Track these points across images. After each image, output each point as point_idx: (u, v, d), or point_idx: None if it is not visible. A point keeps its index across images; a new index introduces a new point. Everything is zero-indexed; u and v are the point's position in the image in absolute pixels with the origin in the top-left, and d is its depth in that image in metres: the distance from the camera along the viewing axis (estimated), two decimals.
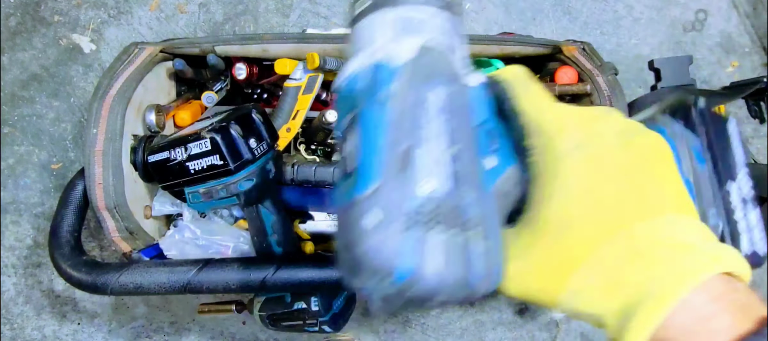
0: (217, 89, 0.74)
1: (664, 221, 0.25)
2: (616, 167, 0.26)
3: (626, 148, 0.27)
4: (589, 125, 0.28)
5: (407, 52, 0.27)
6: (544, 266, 0.27)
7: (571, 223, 0.26)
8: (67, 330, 0.84)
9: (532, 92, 0.30)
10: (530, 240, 0.27)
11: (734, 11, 0.95)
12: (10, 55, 0.86)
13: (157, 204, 0.68)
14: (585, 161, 0.27)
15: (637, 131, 0.28)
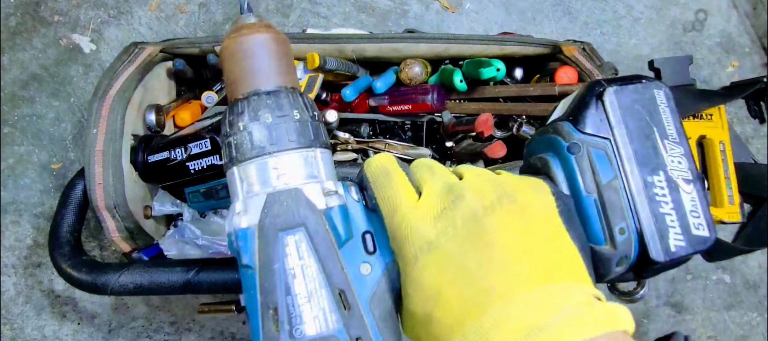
0: (217, 89, 0.74)
1: (515, 303, 0.26)
2: (461, 264, 0.28)
3: (474, 238, 0.28)
4: (433, 225, 0.29)
5: (254, 210, 0.30)
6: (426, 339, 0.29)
7: (430, 317, 0.28)
8: (67, 330, 0.84)
9: (388, 191, 0.31)
10: (410, 322, 0.30)
11: (734, 11, 0.95)
12: (10, 55, 0.86)
13: (157, 204, 0.68)
14: (429, 265, 0.28)
15: (490, 209, 0.29)
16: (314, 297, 0.28)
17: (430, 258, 0.28)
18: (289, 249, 0.29)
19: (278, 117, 0.32)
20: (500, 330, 0.25)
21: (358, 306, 0.29)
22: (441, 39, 0.67)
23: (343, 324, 0.28)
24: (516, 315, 0.25)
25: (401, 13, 0.90)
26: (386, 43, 0.67)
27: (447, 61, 0.74)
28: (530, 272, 0.27)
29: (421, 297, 0.28)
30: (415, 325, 0.30)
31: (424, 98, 0.69)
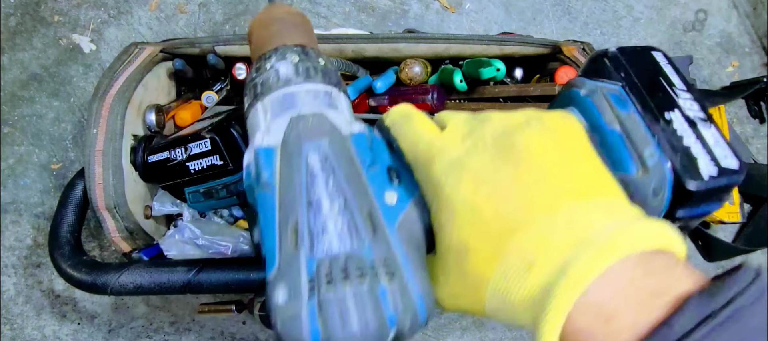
0: (217, 89, 0.74)
1: (557, 218, 0.23)
2: (495, 178, 0.25)
3: (505, 153, 0.26)
4: (461, 143, 0.28)
5: (278, 129, 0.29)
6: (460, 289, 0.26)
7: (466, 249, 0.25)
8: (67, 330, 0.84)
9: (409, 129, 0.30)
10: (442, 267, 0.27)
11: (734, 11, 0.95)
12: (10, 55, 0.86)
13: (157, 204, 0.68)
14: (460, 183, 0.26)
15: (518, 127, 0.27)
16: (338, 213, 0.26)
17: (461, 175, 0.26)
18: (312, 162, 0.27)
19: (304, 59, 0.33)
20: (545, 246, 0.23)
21: (384, 229, 0.27)
22: (441, 39, 0.67)
23: (370, 244, 0.25)
24: (560, 230, 0.23)
25: (401, 13, 0.90)
26: (386, 43, 0.67)
27: (447, 61, 0.74)
28: (569, 187, 0.25)
29: (455, 222, 0.25)
30: (450, 270, 0.27)
31: (424, 98, 0.69)
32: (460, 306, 0.28)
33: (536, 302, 0.22)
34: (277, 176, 0.28)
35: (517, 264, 0.23)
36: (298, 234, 0.26)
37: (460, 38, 0.67)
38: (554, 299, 0.21)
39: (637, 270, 0.21)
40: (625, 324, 0.20)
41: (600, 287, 0.21)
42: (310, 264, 0.24)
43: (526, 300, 0.23)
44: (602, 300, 0.21)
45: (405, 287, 0.25)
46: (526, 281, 0.23)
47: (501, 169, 0.26)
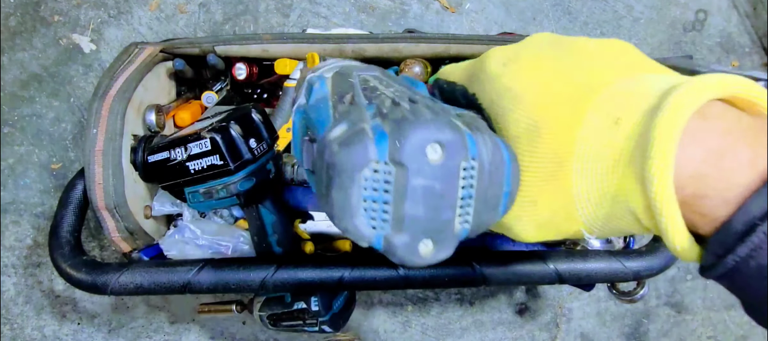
0: (217, 89, 0.74)
1: (636, 79, 0.22)
2: (557, 58, 0.24)
3: (557, 45, 0.25)
4: (513, 46, 0.27)
5: (330, 70, 0.30)
6: (537, 188, 0.24)
7: (539, 128, 0.23)
8: (67, 330, 0.84)
9: (457, 66, 0.31)
10: (524, 179, 0.25)
11: (734, 11, 0.95)
12: (10, 55, 0.86)
13: (157, 204, 0.68)
14: (520, 70, 0.25)
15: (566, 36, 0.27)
16: (393, 92, 0.24)
17: (522, 63, 0.25)
18: (365, 76, 0.27)
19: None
20: (631, 98, 0.21)
21: (446, 109, 0.25)
22: (441, 39, 0.67)
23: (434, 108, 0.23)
24: (643, 85, 0.21)
25: (401, 13, 0.90)
26: (386, 43, 0.67)
27: (447, 61, 0.74)
28: (639, 61, 0.24)
29: (521, 106, 0.23)
30: (524, 166, 0.24)
31: None
32: (539, 216, 0.25)
33: (632, 155, 0.21)
34: (330, 85, 0.28)
35: (602, 124, 0.22)
36: (353, 99, 0.24)
37: (460, 38, 0.67)
38: (657, 129, 0.19)
39: (733, 112, 0.20)
40: (741, 161, 0.19)
41: (704, 127, 0.19)
42: (369, 108, 0.23)
43: (621, 159, 0.21)
44: (711, 138, 0.19)
45: (482, 126, 0.23)
46: (616, 135, 0.21)
47: (558, 56, 0.25)
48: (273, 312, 0.64)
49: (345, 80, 0.27)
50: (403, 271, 0.56)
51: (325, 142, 0.22)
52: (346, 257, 0.59)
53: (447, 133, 0.20)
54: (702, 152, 0.19)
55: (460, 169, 0.21)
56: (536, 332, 0.90)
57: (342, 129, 0.22)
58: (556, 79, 0.23)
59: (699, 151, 0.19)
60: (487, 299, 0.89)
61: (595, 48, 0.25)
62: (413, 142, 0.20)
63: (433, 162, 0.20)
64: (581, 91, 0.22)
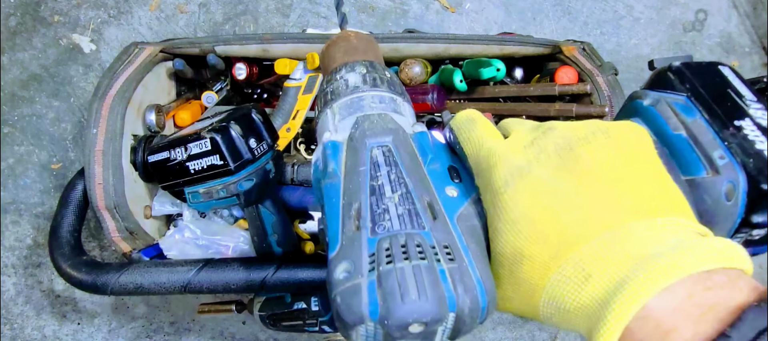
0: (217, 89, 0.74)
1: (618, 234, 0.23)
2: (556, 190, 0.25)
3: (569, 164, 0.26)
4: (523, 152, 0.27)
5: (345, 128, 0.31)
6: (513, 294, 0.27)
7: (521, 256, 0.25)
8: (67, 330, 0.84)
9: (473, 133, 0.31)
10: (495, 271, 0.27)
11: (734, 11, 0.95)
12: (10, 55, 0.86)
13: (157, 204, 0.68)
14: (520, 192, 0.26)
15: (583, 139, 0.27)
16: (399, 200, 0.27)
17: (522, 185, 0.26)
18: (375, 154, 0.29)
19: (371, 71, 0.35)
20: (604, 261, 0.23)
21: (445, 217, 0.27)
22: (441, 39, 0.67)
23: (430, 228, 0.26)
24: (621, 246, 0.23)
25: (401, 13, 0.90)
26: (386, 43, 0.67)
27: (447, 61, 0.74)
28: (634, 203, 0.24)
29: (512, 230, 0.26)
30: (503, 275, 0.27)
31: (424, 98, 0.69)
32: (512, 309, 0.28)
33: (592, 314, 0.23)
34: (343, 167, 0.29)
35: (575, 275, 0.23)
36: (360, 216, 0.26)
37: (460, 38, 0.67)
38: (611, 312, 0.21)
39: (696, 287, 0.21)
40: (684, 338, 0.20)
41: (659, 301, 0.21)
42: (371, 243, 0.25)
43: (582, 311, 0.23)
44: (661, 315, 0.21)
45: (465, 271, 0.24)
46: (582, 292, 0.23)
47: (563, 180, 0.26)
48: (273, 312, 0.64)
49: (358, 159, 0.29)
50: None
51: (330, 279, 0.25)
52: None
53: (430, 312, 0.23)
54: (652, 326, 0.21)
55: (440, 327, 0.24)
56: (536, 332, 0.90)
57: (343, 272, 0.25)
58: (549, 217, 0.25)
59: (650, 324, 0.21)
60: None
61: (607, 169, 0.26)
62: (398, 322, 0.23)
63: (414, 331, 0.23)
64: (566, 238, 0.24)
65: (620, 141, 0.27)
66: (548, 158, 0.27)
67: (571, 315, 0.24)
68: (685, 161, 0.31)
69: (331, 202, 0.28)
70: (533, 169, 0.26)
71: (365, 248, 0.25)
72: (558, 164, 0.26)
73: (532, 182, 0.26)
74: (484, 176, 0.28)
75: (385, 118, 0.31)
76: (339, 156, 0.30)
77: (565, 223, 0.24)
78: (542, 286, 0.25)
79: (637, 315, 0.21)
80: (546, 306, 0.25)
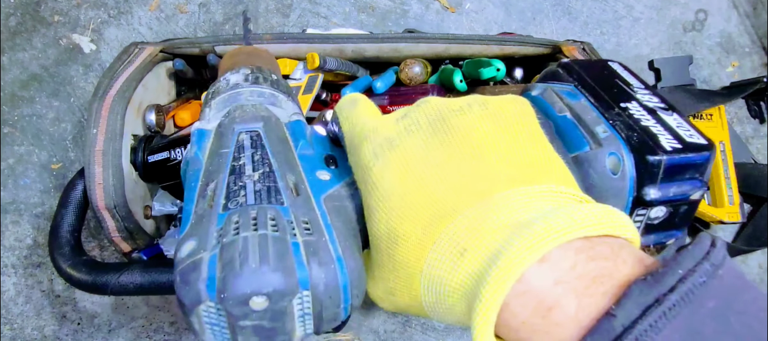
0: None
1: (491, 203, 0.21)
2: (427, 160, 0.24)
3: (440, 135, 0.24)
4: (395, 125, 0.26)
5: (216, 118, 0.30)
6: (395, 283, 0.24)
7: (396, 236, 0.23)
8: (67, 330, 0.84)
9: (352, 112, 0.29)
10: (375, 259, 0.25)
11: (734, 11, 0.95)
12: (10, 55, 0.86)
13: (157, 204, 0.68)
14: (390, 164, 0.24)
15: (458, 110, 0.25)
16: (260, 177, 0.25)
17: (392, 157, 0.24)
18: (242, 138, 0.27)
19: (255, 71, 0.34)
20: (478, 233, 0.21)
21: (309, 196, 0.25)
22: (441, 39, 0.67)
23: (290, 204, 0.24)
24: (495, 215, 0.21)
25: (401, 13, 0.90)
26: (386, 43, 0.67)
27: (447, 61, 0.74)
28: (510, 172, 0.23)
29: (384, 207, 0.24)
30: (382, 262, 0.24)
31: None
32: (398, 304, 0.25)
33: (469, 292, 0.21)
34: (207, 152, 0.28)
35: (450, 251, 0.21)
36: (215, 194, 0.24)
37: (460, 38, 0.67)
38: (486, 287, 0.19)
39: (579, 256, 0.19)
40: (567, 315, 0.18)
41: (538, 274, 0.19)
42: (220, 218, 0.23)
43: (459, 290, 0.21)
44: (541, 289, 0.19)
45: (323, 246, 0.22)
46: (458, 269, 0.21)
47: (435, 150, 0.24)
48: None
49: (223, 143, 0.27)
50: None
51: (177, 257, 0.22)
52: None
53: (273, 282, 0.20)
54: (534, 302, 0.19)
55: (292, 304, 0.21)
56: None
57: (187, 250, 0.22)
58: (420, 189, 0.23)
59: (531, 300, 0.19)
60: None
61: (481, 139, 0.24)
62: (236, 294, 0.20)
63: (258, 307, 0.20)
64: (438, 211, 0.22)
65: (498, 111, 0.26)
66: (419, 129, 0.25)
67: (451, 300, 0.22)
68: (569, 139, 0.31)
69: (189, 186, 0.26)
70: (403, 141, 0.25)
71: (214, 223, 0.23)
72: (429, 134, 0.25)
73: (402, 154, 0.24)
74: (355, 153, 0.27)
75: (258, 107, 0.30)
76: (204, 142, 0.28)
77: (437, 195, 0.23)
78: (419, 269, 0.23)
79: (516, 291, 0.19)
80: (427, 293, 0.23)
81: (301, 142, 0.29)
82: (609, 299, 0.18)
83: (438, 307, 0.23)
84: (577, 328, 0.18)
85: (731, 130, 0.86)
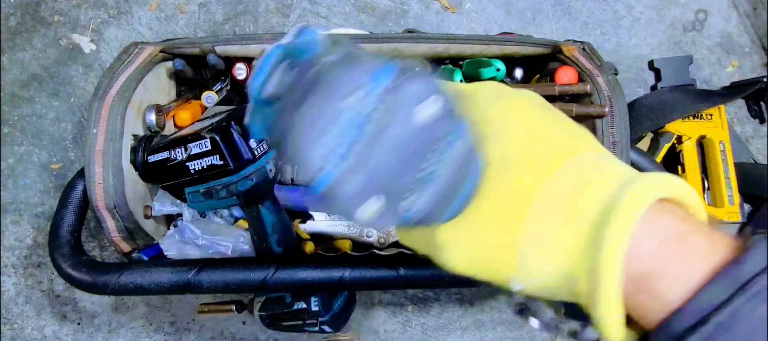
0: (217, 89, 0.75)
1: (594, 154, 0.24)
2: (543, 109, 0.27)
3: (544, 104, 0.28)
4: (504, 87, 0.29)
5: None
6: (495, 214, 0.24)
7: (514, 159, 0.24)
8: (67, 330, 0.84)
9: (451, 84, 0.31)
10: (477, 197, 0.25)
11: (734, 11, 0.95)
12: (10, 55, 0.86)
13: (157, 204, 0.67)
14: (512, 107, 0.26)
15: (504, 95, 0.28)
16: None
17: (514, 101, 0.27)
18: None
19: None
20: (603, 168, 0.23)
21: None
22: (441, 39, 0.67)
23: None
24: (612, 161, 0.24)
25: (401, 13, 0.90)
26: (386, 43, 0.67)
27: (447, 61, 0.74)
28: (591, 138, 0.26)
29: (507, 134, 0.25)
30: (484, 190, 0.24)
31: None
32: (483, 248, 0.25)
33: (594, 219, 0.22)
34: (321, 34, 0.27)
35: (574, 179, 0.23)
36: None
37: (460, 38, 0.67)
38: (622, 206, 0.20)
39: (686, 210, 0.22)
40: (698, 246, 0.20)
41: (665, 212, 0.21)
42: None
43: (583, 215, 0.22)
44: (668, 222, 0.21)
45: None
46: (583, 194, 0.22)
47: (546, 112, 0.27)
48: (273, 312, 0.64)
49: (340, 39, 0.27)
50: (403, 271, 0.56)
51: (319, 60, 0.21)
52: (346, 257, 0.59)
53: (448, 97, 0.20)
54: (664, 232, 0.20)
55: (442, 140, 0.20)
56: (536, 332, 0.90)
57: (342, 53, 0.21)
58: (541, 127, 0.25)
59: (662, 230, 0.20)
60: (487, 299, 0.89)
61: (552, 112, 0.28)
62: (419, 86, 0.19)
63: (424, 117, 0.19)
64: (563, 145, 0.24)
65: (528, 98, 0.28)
66: (527, 94, 0.28)
67: (565, 226, 0.22)
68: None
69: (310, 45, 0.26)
70: (519, 93, 0.27)
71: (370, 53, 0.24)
72: (536, 99, 0.28)
73: (521, 100, 0.27)
74: (470, 100, 0.27)
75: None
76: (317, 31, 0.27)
77: (557, 136, 0.25)
78: (533, 194, 0.23)
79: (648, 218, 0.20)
80: (535, 221, 0.23)
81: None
82: (727, 251, 0.20)
83: (543, 237, 0.23)
84: (709, 264, 0.19)
85: (731, 130, 0.86)
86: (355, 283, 0.57)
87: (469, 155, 0.22)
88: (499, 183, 0.24)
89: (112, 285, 0.56)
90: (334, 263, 0.57)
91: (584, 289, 0.21)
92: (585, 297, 0.22)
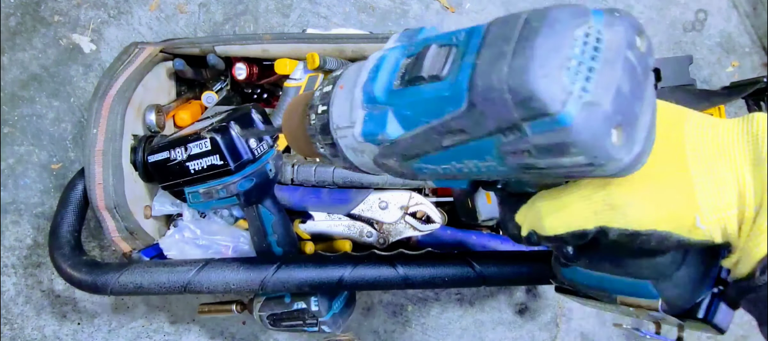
0: (217, 89, 0.75)
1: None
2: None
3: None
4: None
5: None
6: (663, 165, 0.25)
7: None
8: (67, 330, 0.84)
9: None
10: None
11: (734, 11, 0.95)
12: (10, 55, 0.86)
13: (157, 204, 0.68)
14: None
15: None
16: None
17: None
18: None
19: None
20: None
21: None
22: None
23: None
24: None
25: (401, 13, 0.90)
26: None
27: None
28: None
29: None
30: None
31: None
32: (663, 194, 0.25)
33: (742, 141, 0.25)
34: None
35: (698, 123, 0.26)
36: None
37: None
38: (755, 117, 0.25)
39: None
40: None
41: None
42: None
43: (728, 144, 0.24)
44: None
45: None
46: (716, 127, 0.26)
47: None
48: (273, 312, 0.64)
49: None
50: (403, 271, 0.56)
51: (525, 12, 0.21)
52: (346, 257, 0.59)
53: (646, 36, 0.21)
54: None
55: (647, 74, 0.21)
56: (536, 332, 0.90)
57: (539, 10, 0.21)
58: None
59: None
60: (487, 299, 0.89)
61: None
62: (632, 23, 0.20)
63: (638, 48, 0.21)
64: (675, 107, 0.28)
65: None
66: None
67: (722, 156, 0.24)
68: None
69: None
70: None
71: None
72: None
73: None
74: None
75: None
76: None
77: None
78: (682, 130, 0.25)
79: None
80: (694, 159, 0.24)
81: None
82: None
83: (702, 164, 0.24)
84: None
85: None
86: (355, 283, 0.57)
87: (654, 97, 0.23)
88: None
89: (112, 285, 0.56)
90: (334, 263, 0.57)
91: (751, 215, 0.23)
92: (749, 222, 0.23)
